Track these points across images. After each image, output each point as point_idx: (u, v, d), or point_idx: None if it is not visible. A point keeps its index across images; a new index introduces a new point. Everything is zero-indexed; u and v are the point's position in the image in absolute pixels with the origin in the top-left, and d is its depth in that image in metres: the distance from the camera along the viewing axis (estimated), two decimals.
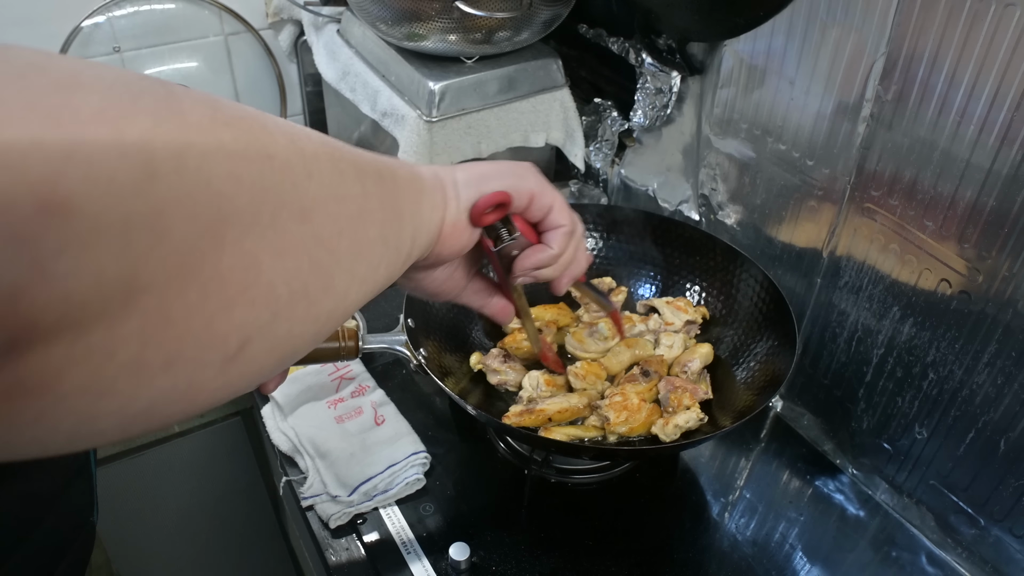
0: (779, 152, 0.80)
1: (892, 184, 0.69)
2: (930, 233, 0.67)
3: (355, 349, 0.72)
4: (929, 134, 0.64)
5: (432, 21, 0.90)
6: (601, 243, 0.94)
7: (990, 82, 0.58)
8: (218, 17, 1.20)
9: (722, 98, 0.86)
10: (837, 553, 0.74)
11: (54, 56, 0.24)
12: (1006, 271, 0.61)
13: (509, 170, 0.49)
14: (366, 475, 0.75)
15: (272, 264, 0.28)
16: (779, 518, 0.77)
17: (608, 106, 1.06)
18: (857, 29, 0.68)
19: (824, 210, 0.77)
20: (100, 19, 1.12)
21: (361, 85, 1.06)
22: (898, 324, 0.72)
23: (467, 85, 0.96)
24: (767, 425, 0.89)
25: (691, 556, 0.73)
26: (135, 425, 0.27)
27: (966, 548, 0.72)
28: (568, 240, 0.53)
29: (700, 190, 0.95)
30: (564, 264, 0.54)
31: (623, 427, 0.72)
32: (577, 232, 0.54)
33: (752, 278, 0.83)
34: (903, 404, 0.74)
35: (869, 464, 0.80)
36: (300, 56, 1.27)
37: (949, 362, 0.68)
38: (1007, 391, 0.64)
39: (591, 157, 1.10)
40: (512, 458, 0.81)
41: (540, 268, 0.52)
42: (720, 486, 0.81)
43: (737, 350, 0.82)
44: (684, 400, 0.74)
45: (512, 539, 0.73)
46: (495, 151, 1.03)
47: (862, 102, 0.69)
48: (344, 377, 0.88)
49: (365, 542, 0.72)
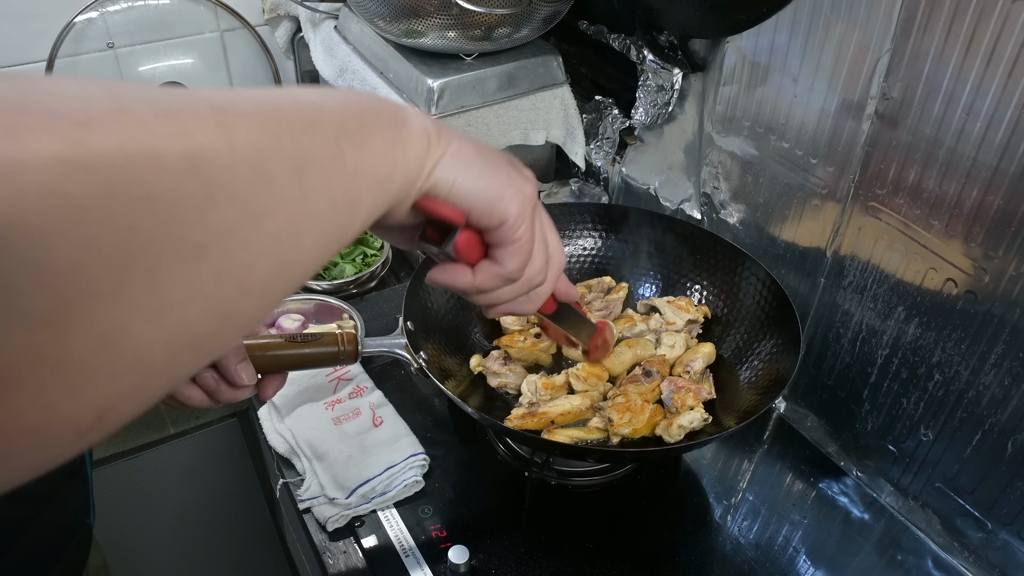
0: (782, 150, 0.79)
1: (897, 182, 0.68)
2: (935, 232, 0.66)
3: (354, 353, 0.70)
4: (935, 131, 0.63)
5: (431, 17, 0.89)
6: (602, 242, 0.93)
7: (997, 78, 0.57)
8: (214, 13, 1.19)
9: (724, 95, 0.85)
10: (841, 557, 0.73)
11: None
12: (1013, 270, 0.60)
13: (504, 176, 0.41)
14: (364, 477, 0.74)
15: (145, 329, 0.23)
16: (782, 521, 0.76)
17: (609, 103, 1.05)
18: (861, 25, 0.67)
19: (828, 209, 0.76)
20: (93, 15, 1.10)
21: (359, 82, 1.05)
22: (903, 324, 0.71)
23: (466, 82, 0.95)
24: (770, 427, 0.88)
25: (693, 559, 0.72)
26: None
27: (973, 552, 0.71)
28: (502, 283, 0.44)
29: (702, 188, 0.94)
30: (487, 300, 0.46)
31: (627, 428, 0.71)
32: (526, 280, 0.45)
33: (755, 277, 0.82)
34: (908, 406, 0.73)
35: (874, 466, 0.79)
36: (297, 53, 1.26)
37: (955, 363, 0.67)
38: (1014, 392, 0.63)
39: (592, 155, 1.09)
40: (512, 460, 0.80)
41: (454, 289, 0.45)
42: (723, 488, 0.80)
43: (740, 350, 0.81)
44: (688, 400, 0.73)
45: (512, 542, 0.72)
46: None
47: (866, 99, 0.68)
48: (342, 378, 0.87)
49: (363, 545, 0.71)
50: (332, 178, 0.31)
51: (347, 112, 0.33)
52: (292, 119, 0.30)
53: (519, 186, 0.41)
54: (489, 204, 0.40)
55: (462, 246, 0.42)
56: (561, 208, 0.93)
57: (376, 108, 0.35)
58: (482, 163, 0.40)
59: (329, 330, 0.69)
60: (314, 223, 0.30)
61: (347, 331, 0.70)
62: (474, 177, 0.39)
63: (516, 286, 0.45)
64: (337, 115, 0.32)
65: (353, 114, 0.33)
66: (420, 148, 0.37)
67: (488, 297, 0.45)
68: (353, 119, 0.33)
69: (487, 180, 0.40)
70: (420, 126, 0.37)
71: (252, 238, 0.27)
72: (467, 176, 0.39)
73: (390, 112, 0.36)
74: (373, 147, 0.34)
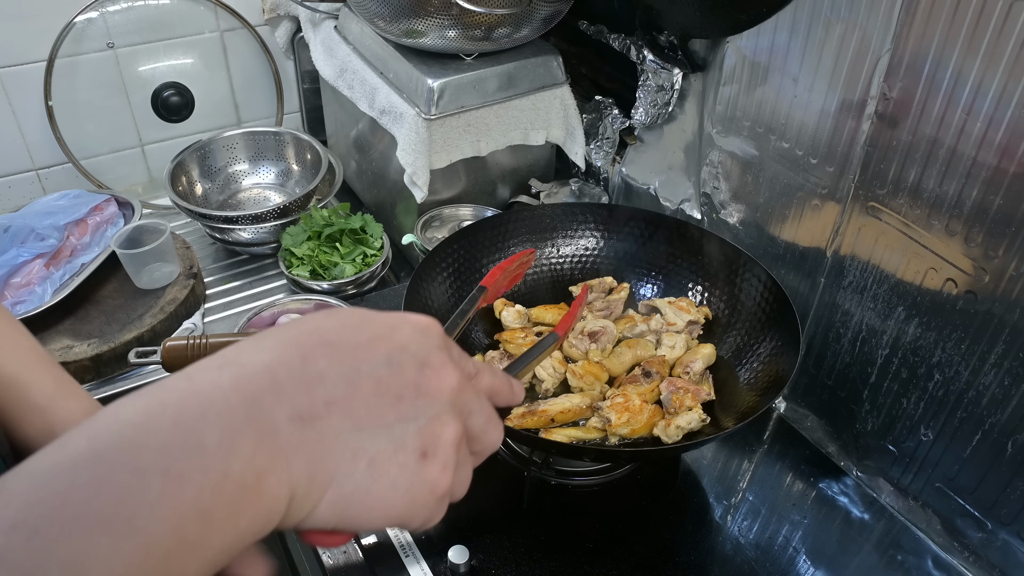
0: (782, 150, 0.79)
1: (897, 182, 0.68)
2: (935, 232, 0.66)
3: None
4: (935, 131, 0.63)
5: (431, 17, 0.89)
6: (602, 243, 0.93)
7: (997, 78, 0.57)
8: (214, 13, 1.19)
9: (724, 95, 0.85)
10: (841, 557, 0.73)
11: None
12: (1013, 270, 0.60)
13: (404, 494, 0.31)
14: None
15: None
16: (782, 521, 0.76)
17: (609, 103, 1.05)
18: (861, 25, 0.67)
19: (828, 209, 0.76)
20: (93, 14, 1.10)
21: (359, 82, 1.05)
22: (903, 324, 0.71)
23: (466, 82, 0.95)
24: (770, 427, 0.88)
25: (693, 559, 0.72)
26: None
27: (973, 552, 0.71)
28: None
29: (702, 189, 0.94)
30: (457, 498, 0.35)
31: (625, 428, 0.71)
32: (463, 487, 0.35)
33: (755, 278, 0.82)
34: (908, 405, 0.73)
35: (874, 466, 0.79)
36: (297, 53, 1.26)
37: (955, 363, 0.67)
38: (1014, 392, 0.63)
39: (592, 155, 1.09)
40: (512, 460, 0.80)
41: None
42: (722, 488, 0.80)
43: (740, 350, 0.81)
44: (686, 401, 0.73)
45: (512, 542, 0.72)
46: (495, 149, 1.02)
47: (867, 99, 0.68)
48: None
49: (362, 544, 0.71)
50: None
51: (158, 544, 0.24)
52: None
53: (427, 488, 0.31)
54: (392, 530, 0.33)
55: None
56: (561, 208, 0.93)
57: (220, 485, 0.25)
58: (378, 491, 0.30)
59: None
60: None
61: None
62: (364, 519, 0.30)
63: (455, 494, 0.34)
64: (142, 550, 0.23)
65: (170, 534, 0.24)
66: (271, 517, 0.27)
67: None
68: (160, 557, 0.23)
69: (381, 514, 0.30)
70: (282, 492, 0.27)
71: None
72: (353, 520, 0.30)
73: (232, 495, 0.26)
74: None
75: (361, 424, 0.30)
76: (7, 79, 1.08)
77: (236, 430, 0.26)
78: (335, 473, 0.29)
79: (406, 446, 0.30)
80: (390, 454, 0.30)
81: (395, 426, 0.30)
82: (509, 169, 1.11)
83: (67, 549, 0.22)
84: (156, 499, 0.24)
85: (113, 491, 0.24)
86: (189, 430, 0.26)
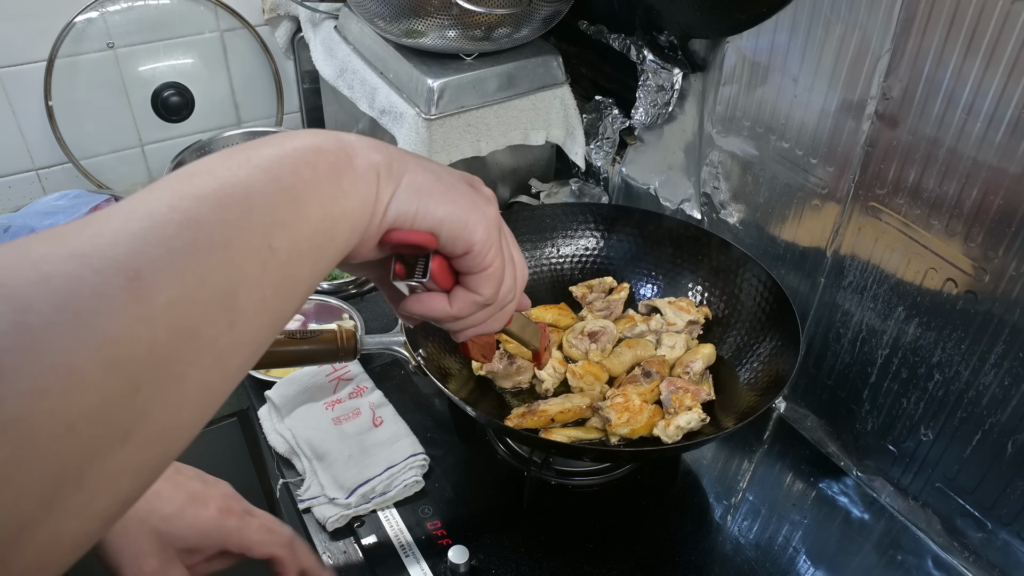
0: (782, 150, 0.79)
1: (897, 182, 0.68)
2: (935, 232, 0.66)
3: (353, 350, 0.70)
4: (935, 131, 0.63)
5: (431, 17, 0.89)
6: (602, 242, 0.93)
7: (997, 77, 0.57)
8: (214, 13, 1.19)
9: (724, 95, 0.85)
10: (841, 557, 0.73)
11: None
12: (1013, 270, 0.60)
13: (466, 201, 0.40)
14: (364, 477, 0.74)
15: (76, 525, 0.24)
16: (782, 521, 0.76)
17: (609, 103, 1.05)
18: (861, 25, 0.67)
19: (828, 209, 0.76)
20: (93, 14, 1.10)
21: (359, 82, 1.05)
22: (903, 324, 0.71)
23: (466, 82, 0.95)
24: (770, 427, 0.88)
25: (693, 559, 0.72)
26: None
27: (973, 552, 0.71)
28: (477, 309, 0.44)
29: (702, 188, 0.94)
30: (463, 325, 0.46)
31: (624, 428, 0.71)
32: (499, 303, 0.45)
33: (755, 278, 0.82)
34: (908, 405, 0.73)
35: (874, 466, 0.79)
36: (297, 53, 1.26)
37: (955, 363, 0.67)
38: (1014, 392, 0.63)
39: (592, 155, 1.09)
40: (512, 460, 0.80)
41: (431, 319, 0.45)
42: (723, 488, 0.80)
43: (740, 350, 0.81)
44: (686, 401, 0.73)
45: (512, 542, 0.72)
46: (495, 149, 1.02)
47: (867, 99, 0.68)
48: (342, 378, 0.87)
49: (363, 545, 0.71)
50: (264, 282, 0.30)
51: (278, 186, 0.31)
52: (213, 240, 0.28)
53: (482, 210, 0.40)
54: (453, 232, 0.39)
55: (437, 271, 0.41)
56: (561, 208, 0.93)
57: (314, 160, 0.33)
58: (441, 190, 0.39)
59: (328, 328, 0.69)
60: (243, 345, 0.29)
61: (346, 328, 0.70)
62: (434, 206, 0.38)
63: (489, 309, 0.45)
64: (267, 199, 0.30)
65: (286, 186, 0.31)
66: (367, 190, 0.36)
67: (463, 323, 0.45)
68: (285, 193, 0.31)
69: (448, 207, 0.39)
70: (366, 163, 0.36)
71: (176, 396, 0.26)
72: (427, 206, 0.38)
73: (331, 159, 0.34)
74: (309, 217, 0.32)
75: (436, 177, 0.39)
76: (7, 79, 1.08)
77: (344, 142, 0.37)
78: (407, 167, 0.38)
79: (468, 193, 0.41)
80: (454, 182, 0.40)
81: (459, 184, 0.41)
82: (509, 169, 1.11)
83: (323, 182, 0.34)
84: (345, 168, 0.35)
85: (327, 166, 0.34)
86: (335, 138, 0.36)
